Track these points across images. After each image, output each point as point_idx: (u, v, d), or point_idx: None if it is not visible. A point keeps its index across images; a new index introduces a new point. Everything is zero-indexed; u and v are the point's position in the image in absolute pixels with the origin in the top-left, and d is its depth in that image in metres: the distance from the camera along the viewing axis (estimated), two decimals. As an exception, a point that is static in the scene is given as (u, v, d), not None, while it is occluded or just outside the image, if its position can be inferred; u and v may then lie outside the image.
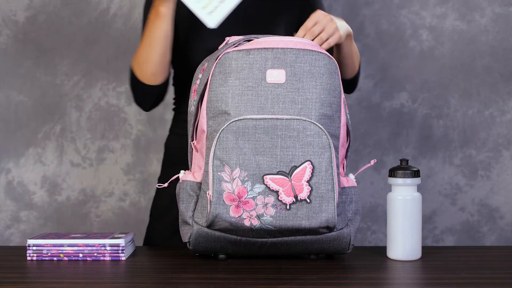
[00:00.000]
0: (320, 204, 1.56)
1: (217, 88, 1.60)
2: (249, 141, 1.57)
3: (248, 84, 1.59)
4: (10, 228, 2.40)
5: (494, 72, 2.37)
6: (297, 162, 1.57)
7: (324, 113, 1.60)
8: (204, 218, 1.59)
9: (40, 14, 2.35)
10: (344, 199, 1.64)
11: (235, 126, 1.57)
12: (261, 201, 1.56)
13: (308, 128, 1.58)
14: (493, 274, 1.54)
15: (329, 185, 1.57)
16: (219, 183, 1.56)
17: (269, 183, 1.56)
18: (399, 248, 1.64)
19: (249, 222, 1.56)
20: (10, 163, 2.39)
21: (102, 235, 1.71)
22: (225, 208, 1.56)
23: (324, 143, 1.58)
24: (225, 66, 1.60)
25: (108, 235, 1.70)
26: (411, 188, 1.65)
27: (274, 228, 1.57)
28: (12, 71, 2.37)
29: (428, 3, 2.35)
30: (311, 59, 1.60)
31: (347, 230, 1.62)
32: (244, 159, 1.56)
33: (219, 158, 1.57)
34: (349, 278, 1.53)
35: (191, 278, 1.53)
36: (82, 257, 1.66)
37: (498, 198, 2.39)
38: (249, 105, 1.58)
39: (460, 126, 2.37)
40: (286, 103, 1.58)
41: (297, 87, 1.59)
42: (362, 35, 2.35)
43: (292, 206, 1.56)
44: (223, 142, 1.57)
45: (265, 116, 1.58)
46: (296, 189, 1.56)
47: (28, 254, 1.66)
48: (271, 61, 1.60)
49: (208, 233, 1.59)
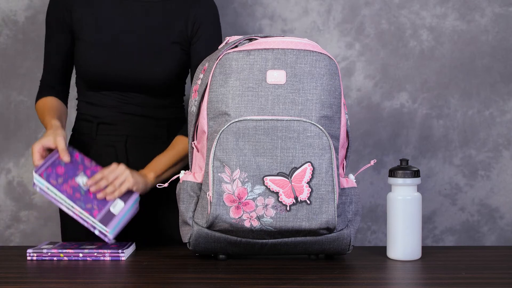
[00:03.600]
0: (320, 206, 1.56)
1: (218, 88, 1.60)
2: (249, 142, 1.57)
3: (249, 85, 1.59)
4: (10, 228, 2.40)
5: (494, 72, 2.37)
6: (297, 163, 1.57)
7: (324, 114, 1.60)
8: (204, 219, 1.59)
9: (40, 14, 2.35)
10: (344, 200, 1.64)
11: (235, 127, 1.57)
12: (261, 202, 1.56)
13: (308, 129, 1.58)
14: (493, 274, 1.54)
15: (329, 186, 1.57)
16: (219, 184, 1.56)
17: (269, 184, 1.56)
18: (399, 248, 1.64)
19: (249, 223, 1.56)
20: (10, 163, 2.39)
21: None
22: (225, 209, 1.56)
23: (324, 144, 1.58)
24: (226, 66, 1.60)
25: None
26: (411, 188, 1.65)
27: (274, 229, 1.57)
28: (12, 71, 2.37)
29: (428, 3, 2.35)
30: (311, 60, 1.60)
31: (347, 231, 1.62)
32: (244, 160, 1.56)
33: (219, 159, 1.57)
34: (349, 278, 1.53)
35: (191, 278, 1.53)
36: (82, 257, 1.66)
37: (498, 198, 2.39)
38: (249, 106, 1.58)
39: (460, 126, 2.37)
40: (286, 104, 1.58)
41: (298, 88, 1.59)
42: (362, 35, 2.35)
43: (292, 207, 1.56)
44: (223, 143, 1.57)
45: (265, 117, 1.57)
46: (296, 191, 1.56)
47: (28, 254, 1.66)
48: (272, 62, 1.59)
49: (208, 234, 1.59)
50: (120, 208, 1.74)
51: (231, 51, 1.61)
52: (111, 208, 1.73)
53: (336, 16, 2.35)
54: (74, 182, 1.73)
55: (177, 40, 1.90)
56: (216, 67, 1.61)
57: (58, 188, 1.69)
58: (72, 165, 1.76)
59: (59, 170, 1.72)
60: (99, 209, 1.71)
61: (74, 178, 1.74)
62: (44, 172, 1.69)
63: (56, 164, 1.73)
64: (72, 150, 1.79)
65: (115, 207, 1.73)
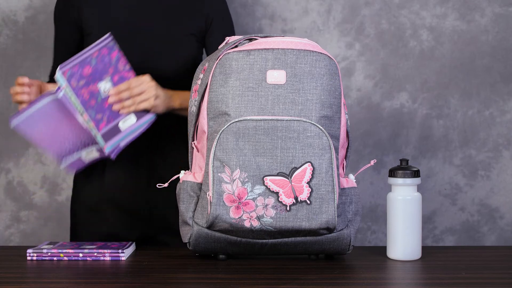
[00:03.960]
0: (320, 206, 1.56)
1: (218, 88, 1.60)
2: (249, 142, 1.57)
3: (249, 85, 1.59)
4: (10, 228, 2.40)
5: (494, 72, 2.37)
6: (297, 163, 1.57)
7: (324, 114, 1.60)
8: (204, 219, 1.59)
9: (40, 14, 2.35)
10: (344, 200, 1.64)
11: (235, 127, 1.57)
12: (261, 202, 1.56)
13: (308, 129, 1.58)
14: (493, 274, 1.54)
15: (329, 186, 1.57)
16: (219, 184, 1.56)
17: (269, 184, 1.56)
18: (399, 248, 1.64)
19: (249, 223, 1.56)
20: (10, 163, 2.39)
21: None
22: (225, 209, 1.56)
23: (324, 144, 1.58)
24: (226, 66, 1.60)
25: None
26: (411, 188, 1.65)
27: (274, 229, 1.57)
28: (12, 71, 2.37)
29: (428, 3, 2.35)
30: (311, 60, 1.60)
31: (347, 231, 1.62)
32: (244, 160, 1.56)
33: (219, 159, 1.57)
34: (349, 278, 1.53)
35: (191, 278, 1.53)
36: (82, 257, 1.66)
37: (498, 198, 2.39)
38: (249, 106, 1.58)
39: (460, 126, 2.37)
40: (286, 104, 1.58)
41: (298, 88, 1.59)
42: (362, 35, 2.35)
43: (292, 207, 1.56)
44: (223, 143, 1.57)
45: (266, 117, 1.57)
46: (296, 191, 1.56)
47: (28, 254, 1.66)
48: (272, 62, 1.59)
49: (208, 234, 1.59)
50: (130, 124, 1.73)
51: (231, 51, 1.61)
52: (121, 122, 1.72)
53: (336, 16, 2.35)
54: (95, 87, 1.71)
55: (193, 32, 1.91)
56: (216, 67, 1.61)
57: (75, 91, 1.67)
58: (103, 66, 1.73)
59: (86, 70, 1.70)
60: (108, 122, 1.70)
61: (97, 83, 1.71)
62: (69, 70, 1.68)
63: (86, 63, 1.70)
64: (113, 45, 1.75)
65: (125, 122, 1.72)
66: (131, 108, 1.74)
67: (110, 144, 1.70)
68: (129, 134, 1.74)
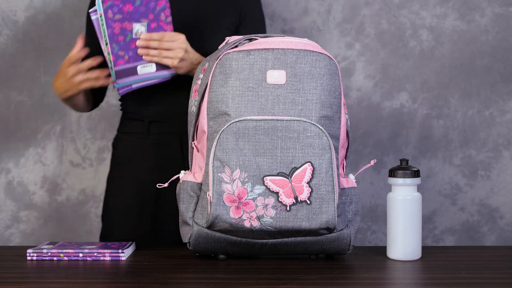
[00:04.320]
0: (320, 206, 1.56)
1: (218, 88, 1.60)
2: (249, 142, 1.57)
3: (249, 85, 1.59)
4: (10, 228, 2.40)
5: (494, 72, 2.37)
6: (297, 163, 1.57)
7: (324, 114, 1.60)
8: (204, 219, 1.59)
9: (40, 14, 2.35)
10: (344, 200, 1.64)
11: (235, 127, 1.57)
12: (261, 202, 1.56)
13: (308, 129, 1.58)
14: (493, 274, 1.54)
15: (329, 186, 1.57)
16: (219, 184, 1.56)
17: (269, 184, 1.56)
18: (399, 248, 1.64)
19: (249, 223, 1.56)
20: (10, 163, 2.39)
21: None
22: (225, 209, 1.56)
23: (324, 144, 1.58)
24: (226, 66, 1.60)
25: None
26: (411, 188, 1.65)
27: (274, 229, 1.57)
28: (12, 71, 2.37)
29: (428, 3, 2.35)
30: (311, 60, 1.60)
31: (347, 231, 1.62)
32: (244, 160, 1.56)
33: (219, 159, 1.57)
34: (349, 278, 1.53)
35: (191, 278, 1.53)
36: (82, 257, 1.66)
37: (498, 198, 2.39)
38: (249, 106, 1.58)
39: (460, 126, 2.37)
40: (286, 104, 1.58)
41: (298, 88, 1.59)
42: (362, 35, 2.35)
43: (292, 207, 1.56)
44: (223, 143, 1.57)
45: (265, 117, 1.57)
46: (296, 191, 1.56)
47: (28, 254, 1.66)
48: (272, 62, 1.59)
49: (208, 234, 1.59)
50: (148, 71, 1.77)
51: (231, 51, 1.61)
52: (140, 67, 1.75)
53: (336, 16, 2.35)
54: (130, 25, 1.73)
55: (227, 26, 1.93)
56: (216, 67, 1.61)
57: (107, 21, 1.71)
58: (145, 9, 1.75)
59: (127, 7, 1.72)
60: (127, 62, 1.74)
61: (133, 22, 1.74)
62: (110, 1, 1.71)
63: (130, 1, 1.73)
64: None
65: (145, 68, 1.75)
66: (154, 58, 1.78)
67: (122, 81, 1.75)
68: (144, 80, 1.79)
